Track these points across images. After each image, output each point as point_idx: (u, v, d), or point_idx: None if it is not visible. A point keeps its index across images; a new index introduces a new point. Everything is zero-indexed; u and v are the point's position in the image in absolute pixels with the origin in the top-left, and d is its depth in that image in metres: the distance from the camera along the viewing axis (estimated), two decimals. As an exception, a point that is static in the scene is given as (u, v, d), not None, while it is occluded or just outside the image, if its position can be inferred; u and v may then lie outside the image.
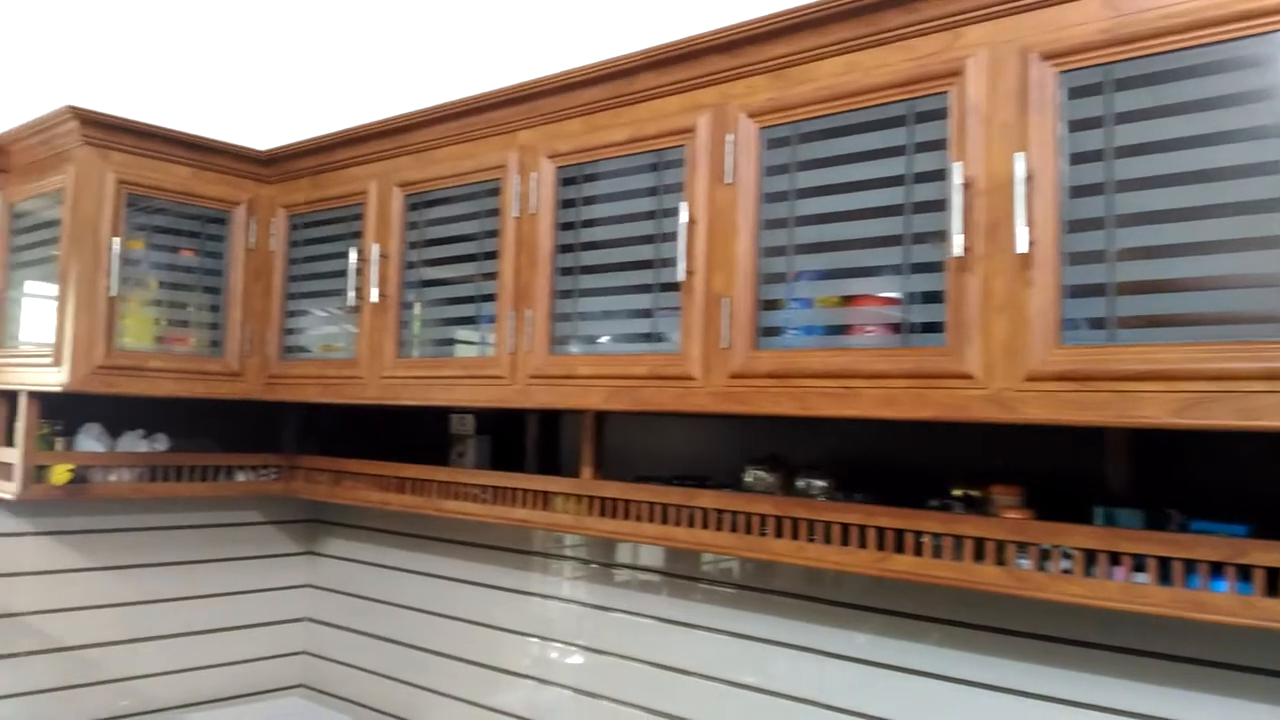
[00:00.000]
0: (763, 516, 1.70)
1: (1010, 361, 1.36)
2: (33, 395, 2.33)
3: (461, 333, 2.17)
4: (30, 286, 2.47)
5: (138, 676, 2.68)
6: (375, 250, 2.24)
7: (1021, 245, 1.35)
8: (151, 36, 2.81)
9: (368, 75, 2.95)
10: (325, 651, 2.98)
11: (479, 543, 2.61)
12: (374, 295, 2.23)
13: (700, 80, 1.73)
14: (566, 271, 1.93)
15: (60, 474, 2.34)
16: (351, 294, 2.29)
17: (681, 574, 2.20)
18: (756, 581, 2.06)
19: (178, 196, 2.41)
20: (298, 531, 3.04)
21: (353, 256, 2.29)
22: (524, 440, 2.44)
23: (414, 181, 2.21)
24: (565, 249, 1.93)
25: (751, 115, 1.66)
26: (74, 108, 2.21)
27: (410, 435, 2.60)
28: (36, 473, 2.33)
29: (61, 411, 2.43)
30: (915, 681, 1.83)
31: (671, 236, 1.76)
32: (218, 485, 2.62)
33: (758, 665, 2.05)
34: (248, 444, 2.75)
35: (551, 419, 2.42)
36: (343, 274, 2.37)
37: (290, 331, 2.53)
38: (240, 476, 2.65)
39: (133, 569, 2.68)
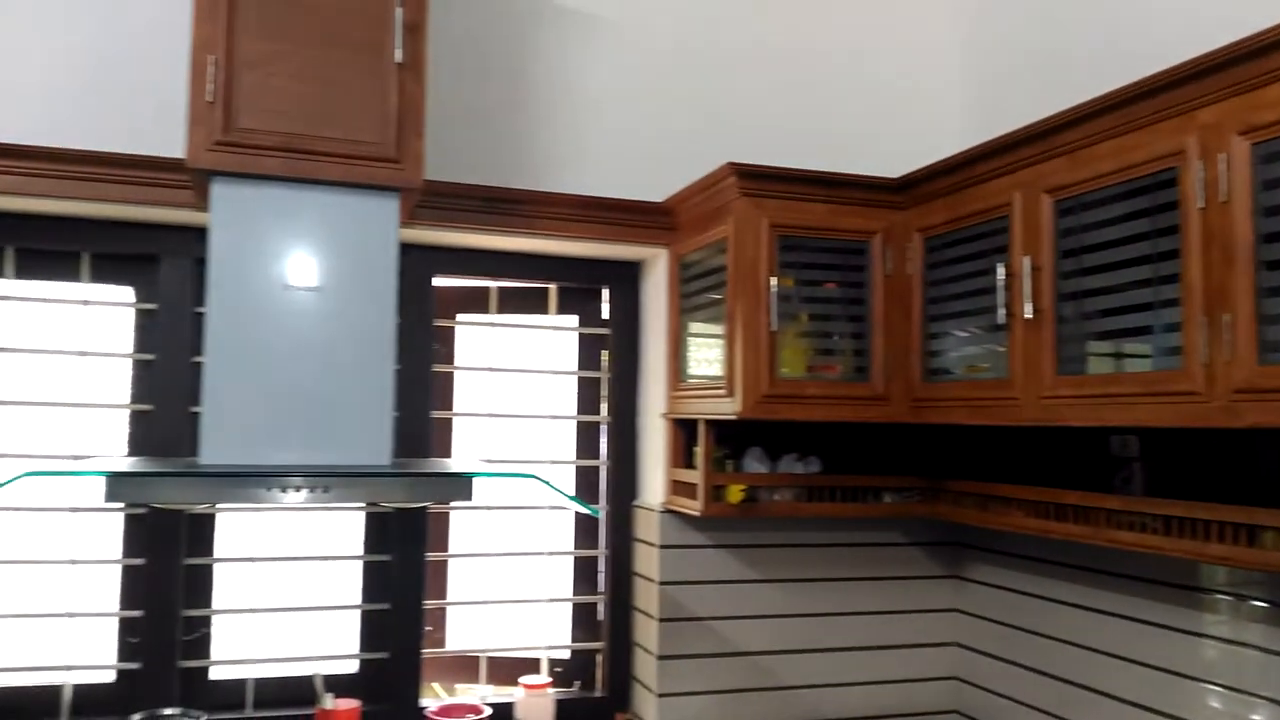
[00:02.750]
0: None
1: None
2: (709, 423, 2.62)
3: (1130, 345, 1.96)
4: (696, 328, 2.80)
5: (802, 686, 2.87)
6: (1025, 263, 2.13)
7: None
8: (757, 86, 3.04)
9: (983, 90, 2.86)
10: (977, 679, 2.90)
11: (1134, 575, 2.34)
12: (1027, 310, 2.11)
13: None
14: (1275, 266, 1.62)
15: (735, 493, 2.60)
16: (1001, 311, 2.19)
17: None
18: None
19: (818, 232, 2.55)
20: (942, 554, 3.01)
21: (1000, 272, 2.20)
22: (1201, 464, 2.12)
23: (1065, 185, 2.05)
24: (1272, 238, 1.62)
25: None
26: (734, 164, 2.45)
27: (1049, 456, 2.41)
28: (715, 492, 2.61)
29: (727, 437, 2.70)
30: None
31: None
32: (865, 506, 2.70)
33: None
34: (884, 465, 2.80)
35: (1241, 439, 2.06)
36: (981, 292, 2.29)
37: (931, 354, 2.51)
38: (886, 498, 2.71)
39: (792, 583, 2.89)
